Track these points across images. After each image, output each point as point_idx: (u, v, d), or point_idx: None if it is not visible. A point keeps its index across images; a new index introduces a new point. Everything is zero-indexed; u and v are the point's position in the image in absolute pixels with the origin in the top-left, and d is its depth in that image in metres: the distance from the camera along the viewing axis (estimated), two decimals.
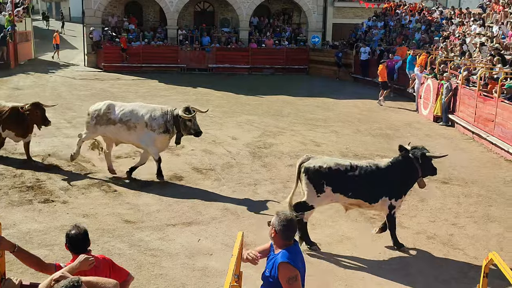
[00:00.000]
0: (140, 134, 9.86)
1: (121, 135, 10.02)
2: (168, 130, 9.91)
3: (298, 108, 18.46)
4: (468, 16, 24.20)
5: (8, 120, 10.52)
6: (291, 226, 3.97)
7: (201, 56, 28.66)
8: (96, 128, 10.13)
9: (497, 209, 9.06)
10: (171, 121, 9.88)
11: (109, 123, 9.98)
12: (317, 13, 31.53)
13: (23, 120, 10.44)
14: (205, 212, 8.66)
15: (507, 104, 12.89)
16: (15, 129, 10.60)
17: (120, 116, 9.91)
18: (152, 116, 9.86)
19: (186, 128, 9.89)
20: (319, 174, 7.17)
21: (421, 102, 18.02)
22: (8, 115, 10.48)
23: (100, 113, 10.03)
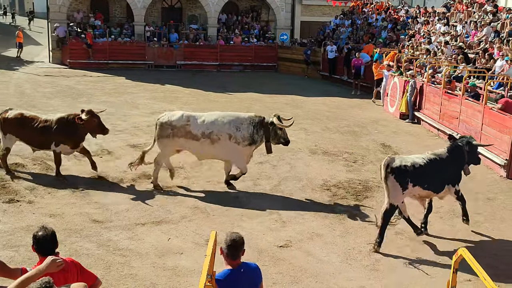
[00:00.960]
0: (223, 147, 9.31)
1: (206, 149, 9.40)
2: (255, 141, 9.42)
3: (267, 105, 18.49)
4: (433, 15, 24.66)
5: (59, 134, 9.61)
6: (235, 246, 4.03)
7: (169, 53, 28.42)
8: (175, 141, 9.42)
9: None
10: (261, 130, 9.36)
11: (190, 137, 9.33)
12: (285, 11, 31.64)
13: (75, 130, 9.66)
14: (175, 210, 8.60)
15: (470, 101, 13.20)
16: (69, 142, 9.75)
17: (203, 130, 9.29)
18: (237, 128, 9.30)
19: (276, 137, 9.42)
20: (405, 172, 7.52)
21: (387, 100, 18.28)
22: (57, 128, 9.60)
23: (178, 125, 9.35)
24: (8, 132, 9.81)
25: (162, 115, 9.71)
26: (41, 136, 9.66)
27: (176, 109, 16.85)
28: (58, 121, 9.66)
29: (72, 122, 9.60)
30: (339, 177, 10.50)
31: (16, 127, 9.74)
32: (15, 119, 9.73)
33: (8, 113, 9.86)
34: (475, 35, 19.13)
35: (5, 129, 9.81)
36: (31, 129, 9.65)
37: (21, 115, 9.81)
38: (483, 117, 12.18)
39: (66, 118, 9.70)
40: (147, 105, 17.54)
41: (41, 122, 9.69)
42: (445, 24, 22.19)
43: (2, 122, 9.80)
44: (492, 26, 18.54)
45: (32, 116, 9.86)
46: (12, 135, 9.81)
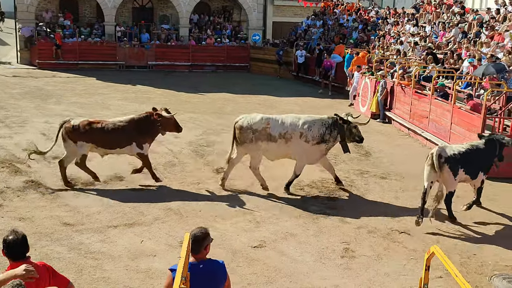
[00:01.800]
0: (294, 145, 9.44)
1: (281, 149, 9.52)
2: (325, 141, 9.50)
3: (240, 105, 18.48)
4: (402, 16, 25.04)
5: (141, 133, 9.67)
6: (195, 240, 4.09)
7: (140, 53, 28.17)
8: (258, 145, 9.49)
9: (432, 202, 9.41)
10: (335, 130, 9.49)
11: (269, 139, 9.44)
12: (257, 11, 31.68)
13: (153, 128, 9.77)
14: (148, 212, 8.52)
15: (440, 101, 13.43)
16: (150, 141, 9.88)
17: (280, 131, 9.42)
18: (309, 127, 9.44)
19: (352, 135, 9.59)
20: (457, 160, 8.44)
21: (359, 100, 18.48)
22: (137, 128, 9.64)
23: (259, 129, 9.44)
24: (78, 140, 9.58)
25: (240, 118, 9.73)
26: (118, 139, 9.59)
27: (148, 109, 16.72)
28: (132, 122, 9.70)
29: (148, 120, 9.66)
30: (313, 176, 10.55)
31: (87, 133, 9.57)
32: (83, 127, 9.56)
33: (72, 121, 9.67)
34: (443, 36, 19.49)
35: (75, 137, 9.58)
36: (104, 132, 9.57)
37: (88, 122, 9.69)
38: (452, 116, 12.41)
39: (139, 117, 9.76)
40: (118, 106, 17.33)
41: (114, 125, 9.65)
42: (414, 25, 22.55)
43: (70, 132, 9.54)
44: (460, 27, 18.92)
45: (99, 121, 9.83)
46: (84, 141, 9.60)
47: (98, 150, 9.81)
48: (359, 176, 10.77)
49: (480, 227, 8.37)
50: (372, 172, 11.04)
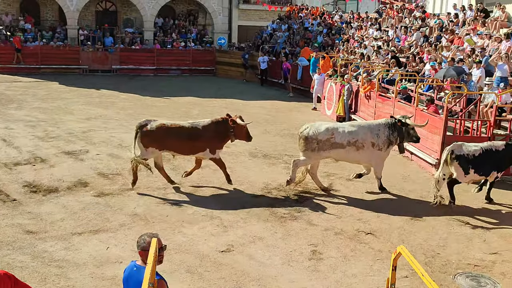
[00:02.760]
0: (368, 153, 9.89)
1: (350, 156, 9.96)
2: (391, 143, 10.04)
3: (206, 109, 18.41)
4: (366, 20, 25.42)
5: (214, 138, 9.77)
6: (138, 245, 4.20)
7: (104, 57, 27.79)
8: (320, 154, 9.89)
9: (397, 203, 9.58)
10: (395, 132, 9.95)
11: (336, 147, 9.82)
12: (222, 15, 31.69)
13: (226, 135, 9.87)
14: (113, 218, 8.38)
15: (403, 103, 13.68)
16: (221, 146, 10.01)
17: (348, 139, 9.81)
18: (377, 134, 9.91)
19: (409, 136, 10.03)
20: (468, 160, 9.15)
21: (325, 103, 18.66)
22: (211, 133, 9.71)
23: (323, 139, 9.76)
24: (150, 146, 9.61)
25: (305, 127, 9.99)
26: (192, 143, 9.64)
27: (112, 114, 16.53)
28: (208, 127, 9.76)
29: (223, 126, 9.78)
30: (280, 179, 10.58)
31: (161, 138, 9.55)
32: (159, 131, 9.56)
33: (148, 125, 9.63)
34: (405, 40, 19.88)
35: (148, 142, 9.59)
36: (179, 138, 9.60)
37: (165, 126, 9.64)
38: (415, 118, 12.64)
39: (215, 122, 9.85)
40: (82, 111, 17.04)
41: (189, 129, 9.67)
42: (377, 29, 22.93)
43: (144, 136, 9.55)
44: (421, 31, 19.34)
45: (175, 125, 9.80)
46: (155, 148, 9.63)
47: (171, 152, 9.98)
48: (326, 178, 10.85)
49: (443, 226, 8.54)
50: (339, 174, 11.15)
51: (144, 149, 9.65)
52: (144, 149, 9.65)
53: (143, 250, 4.04)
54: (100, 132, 14.08)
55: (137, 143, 9.66)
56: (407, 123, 9.96)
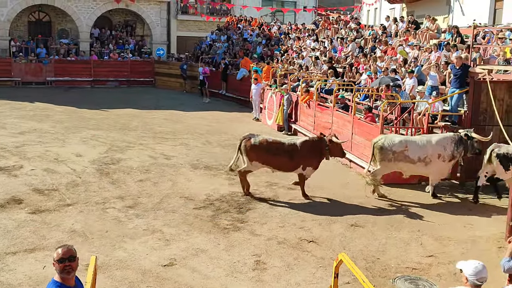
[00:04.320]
0: (433, 165, 10.30)
1: (419, 170, 10.44)
2: (454, 157, 10.42)
3: (146, 121, 18.15)
4: (303, 31, 25.92)
5: (307, 157, 10.09)
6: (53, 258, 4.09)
7: (38, 68, 26.92)
8: (396, 165, 10.35)
9: (338, 210, 9.75)
10: (460, 146, 10.34)
11: (407, 161, 10.26)
12: (161, 26, 31.47)
13: (320, 152, 10.21)
14: (50, 236, 8.06)
15: (341, 112, 14.01)
16: (315, 165, 10.29)
17: (419, 155, 10.22)
18: (444, 147, 10.27)
19: (473, 149, 10.40)
20: (508, 158, 9.82)
21: (265, 113, 18.83)
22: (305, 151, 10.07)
23: (397, 151, 10.20)
24: (254, 160, 10.06)
25: (380, 138, 10.50)
26: (289, 160, 10.02)
27: (48, 128, 15.98)
28: (305, 144, 10.12)
29: (318, 144, 10.15)
30: (222, 191, 10.55)
31: (263, 153, 9.99)
32: (263, 146, 10.00)
33: (252, 139, 10.08)
34: (342, 51, 20.41)
35: (252, 156, 10.05)
36: (278, 154, 10.01)
37: (266, 141, 10.09)
38: (353, 126, 12.98)
39: (312, 141, 10.30)
40: (15, 125, 16.37)
41: (287, 146, 10.05)
42: (314, 40, 23.43)
43: (249, 149, 10.00)
44: (357, 42, 19.92)
45: (276, 141, 10.25)
46: (258, 162, 10.07)
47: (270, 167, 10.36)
48: (268, 188, 10.92)
49: (382, 232, 8.77)
50: (281, 184, 11.24)
51: (249, 162, 10.13)
52: (249, 163, 10.14)
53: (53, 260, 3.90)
54: (34, 146, 13.57)
55: (243, 156, 10.16)
56: (472, 136, 10.44)
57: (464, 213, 9.83)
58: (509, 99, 11.75)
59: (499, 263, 5.10)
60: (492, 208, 10.12)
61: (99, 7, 29.85)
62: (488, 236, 8.64)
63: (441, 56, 14.75)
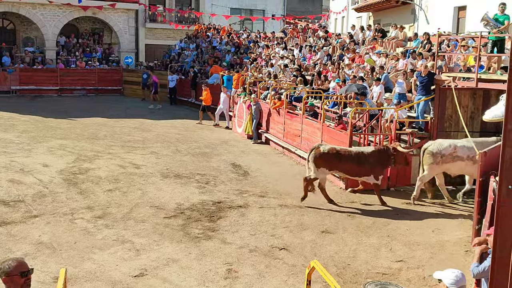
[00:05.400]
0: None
1: (467, 169, 10.67)
2: None
3: (114, 130, 17.93)
4: (272, 39, 26.08)
5: (378, 165, 10.60)
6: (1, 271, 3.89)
7: (2, 77, 26.36)
8: (442, 167, 10.71)
9: (309, 217, 9.81)
10: None
11: (457, 160, 10.62)
12: (129, 34, 31.22)
13: (388, 161, 10.68)
14: (16, 248, 7.87)
15: (310, 120, 14.12)
16: (382, 172, 10.80)
17: (468, 153, 10.52)
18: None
19: None
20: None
21: (235, 121, 18.83)
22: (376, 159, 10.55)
23: (446, 153, 10.58)
24: (321, 166, 10.57)
25: (429, 144, 10.92)
26: (357, 166, 10.56)
27: (13, 137, 15.62)
28: (373, 153, 10.62)
29: (384, 153, 10.61)
30: (193, 199, 10.50)
31: (331, 159, 10.53)
32: (331, 154, 10.53)
33: (321, 148, 10.67)
34: (310, 59, 20.61)
35: (320, 163, 10.53)
36: (346, 160, 10.56)
37: (335, 149, 10.66)
38: (322, 133, 13.09)
39: (379, 150, 10.73)
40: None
41: (355, 154, 10.62)
42: (283, 48, 23.59)
43: (318, 157, 10.53)
44: (325, 50, 20.15)
45: (343, 150, 10.79)
46: (326, 168, 10.62)
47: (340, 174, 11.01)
48: (239, 196, 10.91)
49: (353, 238, 8.86)
50: (251, 191, 11.25)
51: (316, 169, 10.60)
52: (316, 169, 10.61)
53: (7, 276, 3.65)
54: None
55: (311, 164, 10.66)
56: None
57: (432, 217, 10.01)
58: (473, 105, 12.06)
59: (469, 269, 5.19)
60: (459, 213, 10.33)
61: (66, 15, 29.44)
62: (455, 240, 8.82)
63: (408, 63, 15.05)
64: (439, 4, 23.44)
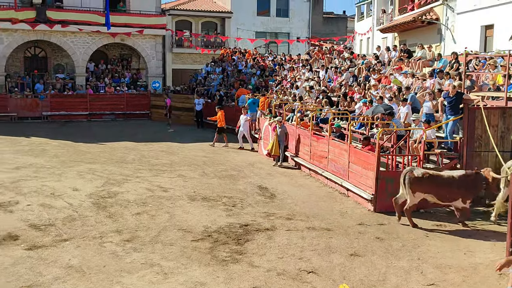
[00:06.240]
0: None
1: None
2: None
3: (142, 153, 18.15)
4: (297, 62, 26.20)
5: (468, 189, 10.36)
6: None
7: (34, 103, 27.07)
8: None
9: (337, 240, 9.70)
10: None
11: None
12: (156, 59, 31.77)
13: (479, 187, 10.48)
14: (46, 272, 7.97)
15: (337, 141, 14.06)
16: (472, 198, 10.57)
17: None
18: None
19: None
20: None
21: (261, 143, 18.88)
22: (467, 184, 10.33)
23: None
24: (418, 191, 10.45)
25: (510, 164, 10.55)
26: (449, 191, 10.35)
27: (44, 162, 15.94)
28: (463, 178, 10.40)
29: (475, 178, 10.37)
30: (220, 222, 10.50)
31: (425, 184, 10.37)
32: (425, 178, 10.39)
33: (415, 172, 10.51)
34: (336, 80, 20.61)
35: (415, 187, 10.42)
36: (439, 184, 10.38)
37: (428, 173, 10.50)
38: (349, 155, 13.00)
39: (469, 174, 10.45)
40: (11, 160, 16.34)
41: (447, 178, 10.43)
42: (309, 70, 23.67)
43: (413, 182, 10.39)
44: (350, 71, 20.14)
45: (436, 174, 10.62)
46: (421, 192, 10.45)
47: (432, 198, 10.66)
48: (266, 218, 10.87)
49: (382, 261, 8.71)
50: (278, 214, 11.20)
51: (412, 194, 10.47)
52: (412, 194, 10.47)
53: None
54: (30, 181, 13.53)
55: (406, 189, 10.51)
56: None
57: (463, 239, 9.79)
58: (503, 125, 11.85)
59: None
60: (492, 234, 10.08)
61: (95, 41, 30.17)
62: (488, 263, 8.58)
63: (435, 83, 14.91)
64: (465, 23, 23.29)
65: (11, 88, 27.44)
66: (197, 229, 10.08)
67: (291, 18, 39.26)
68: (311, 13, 40.15)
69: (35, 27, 28.17)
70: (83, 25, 29.06)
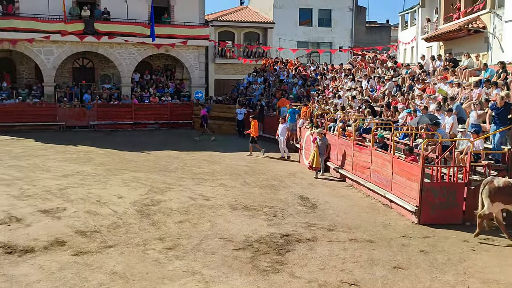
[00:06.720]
0: None
1: None
2: None
3: (185, 162, 18.39)
4: (339, 71, 26.05)
5: None
6: None
7: (81, 113, 27.87)
8: None
9: (379, 252, 9.54)
10: None
11: None
12: (199, 69, 32.19)
13: None
14: (92, 278, 8.15)
15: (380, 152, 13.86)
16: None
17: None
18: None
19: None
20: None
21: (303, 153, 18.81)
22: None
23: None
24: (497, 200, 10.18)
25: None
26: None
27: (90, 170, 16.37)
28: None
29: None
30: (261, 232, 10.50)
31: (506, 194, 10.13)
32: (506, 188, 10.12)
33: (495, 182, 10.27)
34: (379, 90, 20.36)
35: (495, 197, 10.18)
36: None
37: (509, 182, 10.23)
38: (393, 166, 12.80)
39: None
40: (59, 168, 16.84)
41: None
42: (351, 79, 23.49)
43: (492, 192, 10.18)
44: (394, 81, 19.87)
45: None
46: (501, 202, 10.20)
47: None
48: (307, 229, 10.81)
49: (426, 274, 8.51)
50: (319, 225, 11.12)
51: (490, 203, 10.22)
52: (490, 204, 10.23)
53: None
54: (77, 188, 13.90)
55: (485, 199, 10.26)
56: None
57: (511, 253, 9.47)
58: None
59: None
60: None
61: (140, 53, 30.86)
62: None
63: (482, 93, 14.54)
64: None
65: (60, 98, 28.33)
66: (238, 238, 10.12)
67: (333, 28, 39.13)
68: (353, 23, 39.91)
69: (84, 38, 29.07)
70: (129, 36, 29.80)
